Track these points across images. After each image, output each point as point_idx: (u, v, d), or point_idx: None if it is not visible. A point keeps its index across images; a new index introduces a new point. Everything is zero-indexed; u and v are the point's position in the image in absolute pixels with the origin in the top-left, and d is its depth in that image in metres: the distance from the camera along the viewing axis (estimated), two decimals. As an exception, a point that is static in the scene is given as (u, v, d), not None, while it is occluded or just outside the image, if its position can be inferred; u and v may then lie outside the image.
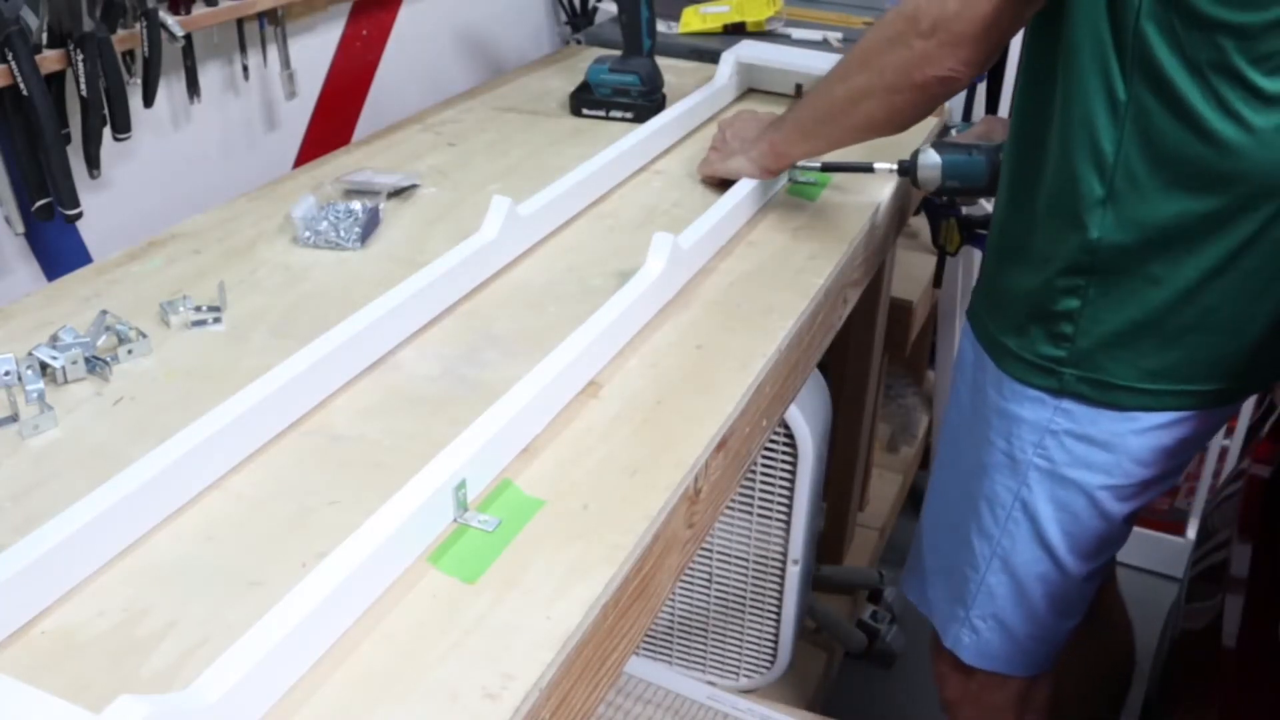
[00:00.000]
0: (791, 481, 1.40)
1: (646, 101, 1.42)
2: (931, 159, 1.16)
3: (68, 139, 1.06)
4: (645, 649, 1.61)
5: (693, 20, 1.75)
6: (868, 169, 1.22)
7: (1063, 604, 1.09)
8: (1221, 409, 0.98)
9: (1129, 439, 0.97)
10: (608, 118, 1.44)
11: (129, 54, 1.10)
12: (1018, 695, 1.17)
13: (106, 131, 1.08)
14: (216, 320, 0.94)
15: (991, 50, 0.91)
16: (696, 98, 1.40)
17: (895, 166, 1.20)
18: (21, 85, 0.97)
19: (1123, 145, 0.86)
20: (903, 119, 1.02)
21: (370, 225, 1.10)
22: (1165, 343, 0.92)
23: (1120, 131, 0.86)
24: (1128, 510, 1.03)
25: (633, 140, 1.25)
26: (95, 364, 0.86)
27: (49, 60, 1.00)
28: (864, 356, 1.70)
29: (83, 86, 1.03)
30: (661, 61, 1.46)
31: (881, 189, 1.24)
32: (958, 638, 1.14)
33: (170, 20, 1.11)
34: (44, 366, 0.85)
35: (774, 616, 1.52)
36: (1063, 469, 1.00)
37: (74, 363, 0.86)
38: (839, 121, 1.06)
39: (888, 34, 0.95)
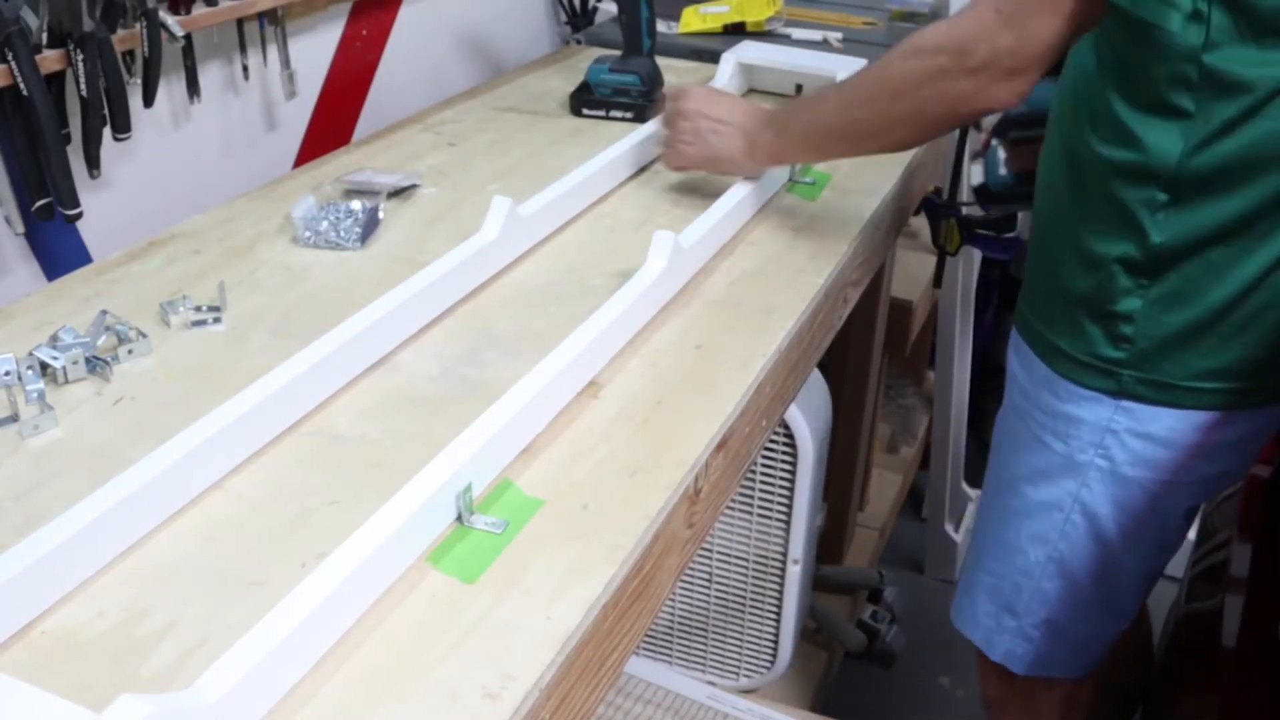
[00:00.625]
0: (791, 481, 1.40)
1: (646, 101, 1.42)
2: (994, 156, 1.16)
3: (68, 139, 1.06)
4: (645, 649, 1.61)
5: (693, 20, 1.75)
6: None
7: (1118, 605, 1.08)
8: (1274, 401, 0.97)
9: (1190, 435, 0.96)
10: (608, 118, 1.44)
11: (129, 54, 1.10)
12: (1064, 696, 1.16)
13: (106, 131, 1.08)
14: (216, 320, 0.94)
15: (1044, 73, 0.90)
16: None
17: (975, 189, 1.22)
18: (21, 85, 0.97)
19: (1188, 153, 0.85)
20: (934, 138, 1.03)
21: (370, 225, 1.10)
22: (1224, 340, 0.92)
23: (1186, 141, 0.85)
24: (1187, 507, 1.02)
25: (633, 140, 1.25)
26: (95, 364, 0.86)
27: (49, 60, 1.00)
28: (864, 356, 1.70)
29: (83, 86, 1.03)
30: (661, 61, 1.46)
31: (882, 188, 1.24)
32: (1010, 650, 1.12)
33: (170, 20, 1.11)
34: (44, 366, 0.85)
35: (774, 616, 1.52)
36: (1123, 468, 0.99)
37: (74, 363, 0.86)
38: (861, 144, 1.05)
39: (927, 69, 0.92)
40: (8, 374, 0.84)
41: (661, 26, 1.65)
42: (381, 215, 1.13)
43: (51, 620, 0.64)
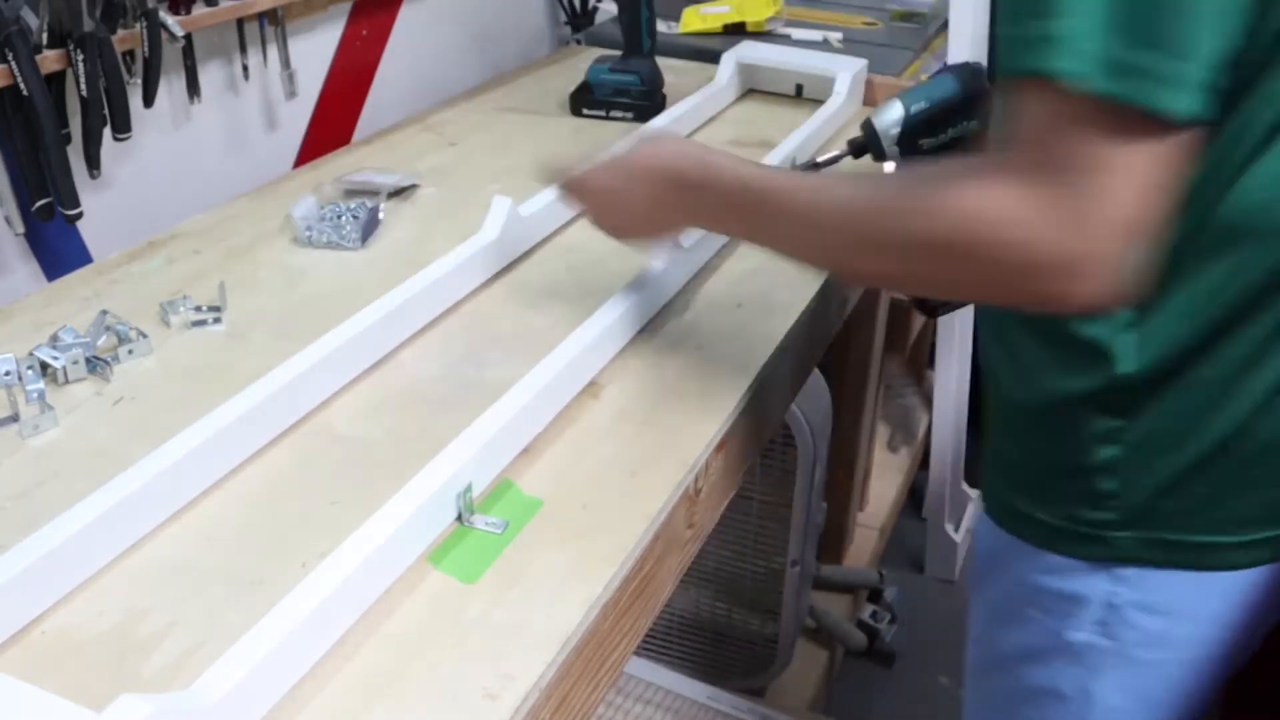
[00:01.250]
0: (791, 481, 1.40)
1: (646, 101, 1.42)
2: (890, 108, 0.99)
3: (68, 139, 1.06)
4: (645, 649, 1.61)
5: (693, 20, 1.75)
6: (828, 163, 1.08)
7: None
8: None
9: (1214, 604, 0.76)
10: (608, 118, 1.44)
11: (129, 54, 1.10)
12: None
13: (106, 131, 1.08)
14: (216, 320, 0.94)
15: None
16: (697, 99, 1.40)
17: (844, 150, 1.05)
18: (21, 85, 0.97)
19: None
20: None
21: (370, 225, 1.10)
22: (1244, 473, 0.72)
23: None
24: (1217, 683, 0.81)
25: (632, 140, 1.25)
26: (96, 364, 0.86)
27: (49, 60, 1.00)
28: (864, 356, 1.70)
29: (83, 86, 1.03)
30: (661, 61, 1.46)
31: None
32: None
33: (170, 20, 1.11)
34: (44, 367, 0.85)
35: (774, 616, 1.52)
36: (1133, 649, 0.78)
37: (75, 363, 0.86)
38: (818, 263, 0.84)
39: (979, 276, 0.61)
40: (8, 374, 0.84)
41: (661, 26, 1.65)
42: (381, 215, 1.13)
43: (51, 620, 0.64)
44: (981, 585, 0.90)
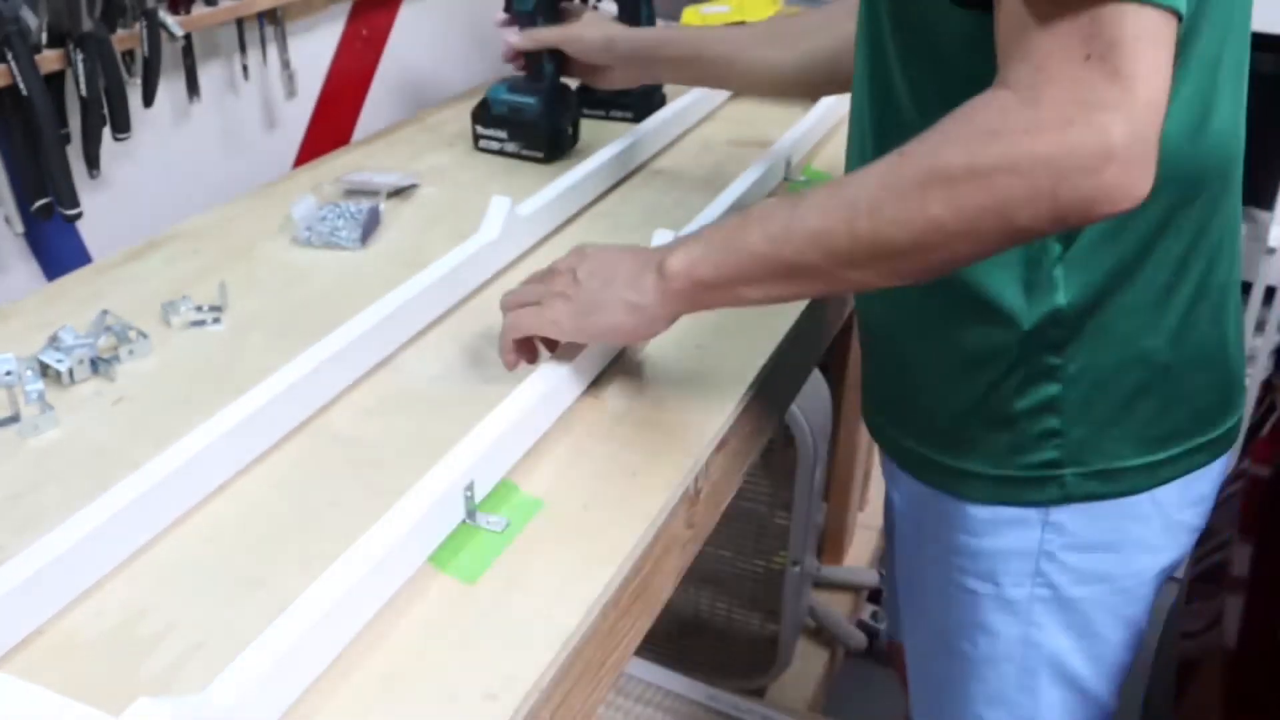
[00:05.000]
0: (791, 481, 1.40)
1: (647, 101, 1.42)
2: None
3: (67, 139, 1.06)
4: (645, 649, 1.61)
5: (692, 20, 1.74)
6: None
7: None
8: (1231, 445, 0.81)
9: (1132, 527, 0.79)
10: (608, 118, 1.44)
11: (129, 54, 1.10)
12: None
13: (106, 131, 1.08)
14: (216, 320, 0.94)
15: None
16: (696, 94, 1.40)
17: None
18: (21, 85, 0.97)
19: None
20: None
21: (370, 225, 1.10)
22: (1178, 388, 0.76)
23: None
24: (1150, 599, 0.84)
25: (631, 139, 1.25)
26: (99, 364, 0.86)
27: (49, 60, 1.00)
28: (864, 356, 1.70)
29: (82, 86, 1.03)
30: (661, 61, 1.46)
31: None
32: None
33: (170, 20, 1.11)
34: (45, 367, 0.85)
35: (774, 616, 1.52)
36: (1068, 590, 0.81)
37: (80, 363, 0.86)
38: (843, 276, 0.65)
39: (990, 198, 0.57)
40: (9, 374, 0.84)
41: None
42: (381, 215, 1.13)
43: (51, 620, 0.64)
44: (905, 563, 0.91)
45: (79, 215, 1.05)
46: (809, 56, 1.05)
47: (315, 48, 1.40)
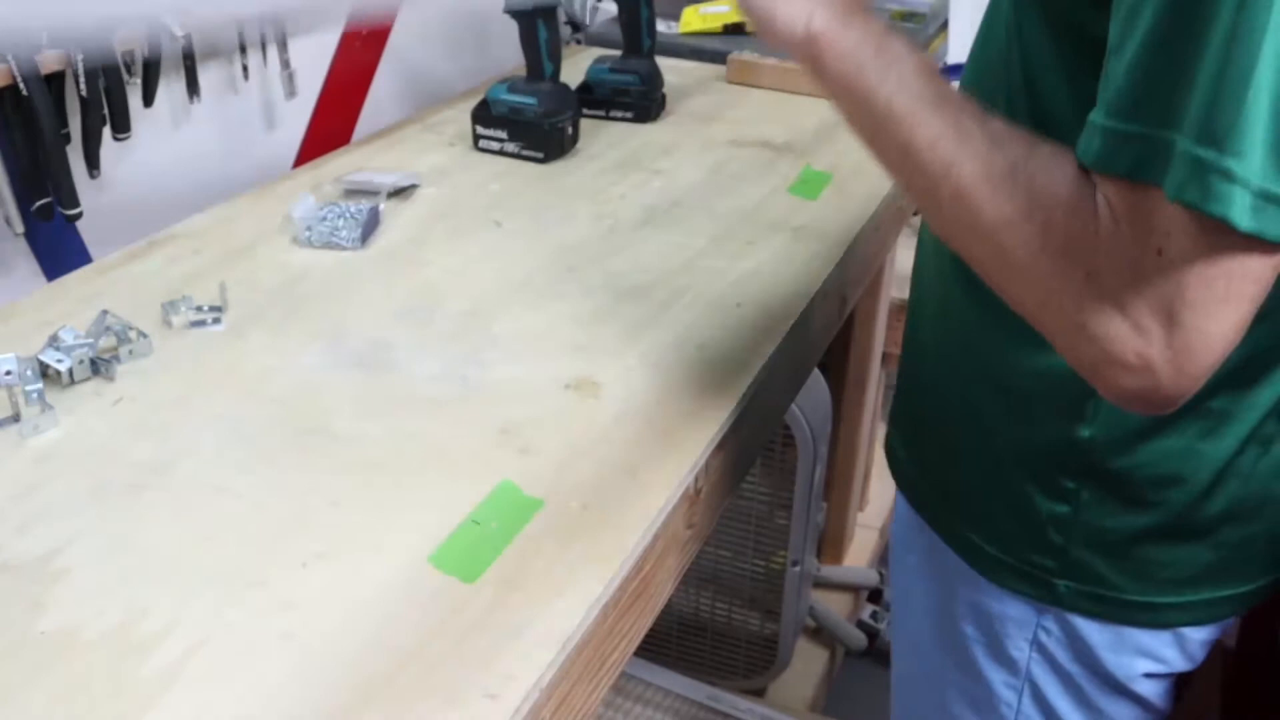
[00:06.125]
0: (791, 481, 1.40)
1: (647, 101, 1.42)
2: None
3: (67, 139, 1.06)
4: (645, 649, 1.61)
5: (693, 20, 1.75)
6: None
7: None
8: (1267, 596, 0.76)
9: (1130, 658, 0.77)
10: (608, 118, 1.44)
11: (129, 53, 1.10)
12: None
13: (106, 131, 1.08)
14: (216, 320, 0.94)
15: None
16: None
17: None
18: (21, 85, 0.97)
19: None
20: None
21: (370, 225, 1.10)
22: (1191, 542, 0.71)
23: None
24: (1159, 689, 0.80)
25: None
26: (99, 364, 0.86)
27: (49, 60, 1.00)
28: (864, 356, 1.70)
29: (82, 86, 1.03)
30: (661, 61, 1.46)
31: (882, 188, 1.24)
32: None
33: (170, 20, 1.11)
34: (45, 368, 0.85)
35: (774, 616, 1.52)
36: (1067, 666, 0.79)
37: (80, 363, 0.86)
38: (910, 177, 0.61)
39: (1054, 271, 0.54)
40: (9, 374, 0.84)
41: (661, 26, 1.65)
42: (381, 215, 1.13)
43: (51, 620, 0.64)
44: (916, 592, 0.89)
45: (79, 215, 1.06)
46: None
47: (315, 48, 1.40)
